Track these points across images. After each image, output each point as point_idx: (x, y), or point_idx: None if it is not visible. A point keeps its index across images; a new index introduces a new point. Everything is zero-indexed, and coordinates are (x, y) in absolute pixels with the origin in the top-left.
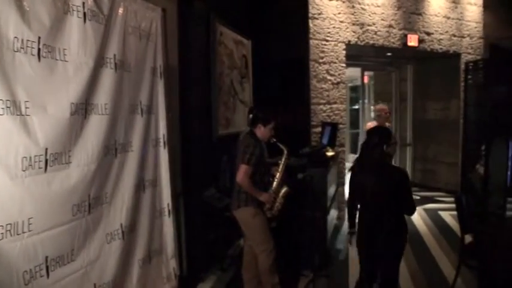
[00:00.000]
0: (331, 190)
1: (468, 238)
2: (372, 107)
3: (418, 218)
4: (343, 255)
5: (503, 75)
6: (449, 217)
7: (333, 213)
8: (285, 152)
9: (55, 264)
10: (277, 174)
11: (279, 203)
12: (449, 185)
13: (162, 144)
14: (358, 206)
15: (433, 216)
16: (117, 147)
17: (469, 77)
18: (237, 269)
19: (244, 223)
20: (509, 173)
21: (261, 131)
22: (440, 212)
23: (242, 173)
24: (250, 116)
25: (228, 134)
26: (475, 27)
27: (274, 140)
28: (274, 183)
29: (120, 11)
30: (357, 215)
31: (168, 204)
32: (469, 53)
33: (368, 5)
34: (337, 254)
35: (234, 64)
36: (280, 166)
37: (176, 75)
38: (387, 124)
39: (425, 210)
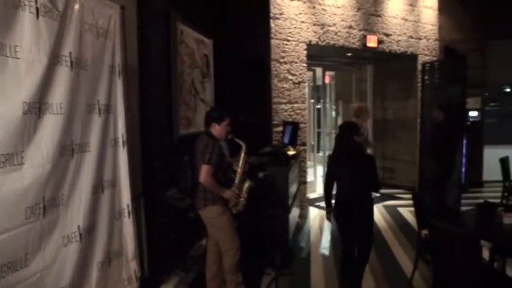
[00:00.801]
0: (293, 189)
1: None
2: (334, 107)
3: (378, 214)
4: (305, 252)
5: (456, 76)
6: (407, 213)
7: (295, 212)
8: (244, 147)
9: (7, 270)
10: (238, 170)
11: (244, 199)
12: (407, 182)
13: (121, 144)
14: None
15: (392, 213)
16: (73, 147)
17: (426, 77)
18: (200, 269)
19: (211, 222)
20: (463, 169)
21: (217, 130)
22: (399, 209)
23: (204, 173)
24: None
25: (189, 134)
26: (431, 30)
27: (232, 136)
28: (236, 179)
29: (76, 7)
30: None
31: (127, 205)
32: (426, 55)
33: (329, 6)
34: (300, 251)
35: (195, 63)
36: (240, 161)
37: (136, 74)
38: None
39: (385, 207)
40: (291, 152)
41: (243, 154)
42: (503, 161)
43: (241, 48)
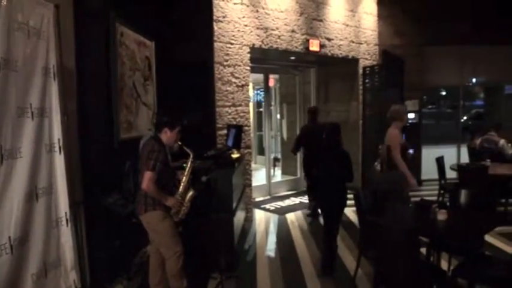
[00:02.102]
0: (238, 192)
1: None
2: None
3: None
4: (251, 255)
5: (394, 79)
6: (351, 213)
7: (240, 215)
8: (191, 155)
9: None
10: (183, 178)
11: (186, 207)
12: (350, 183)
13: (57, 149)
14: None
15: None
16: (3, 153)
17: (367, 80)
18: (144, 276)
19: (152, 227)
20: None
21: (168, 136)
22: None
23: (147, 180)
24: (154, 121)
25: (131, 138)
26: (371, 35)
27: (180, 143)
28: (181, 188)
29: (4, 2)
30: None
31: (65, 213)
32: (366, 59)
33: (272, 9)
34: (246, 254)
35: (136, 66)
36: (186, 170)
37: (73, 76)
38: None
39: None
40: (235, 155)
41: (189, 163)
42: (439, 161)
43: (184, 51)
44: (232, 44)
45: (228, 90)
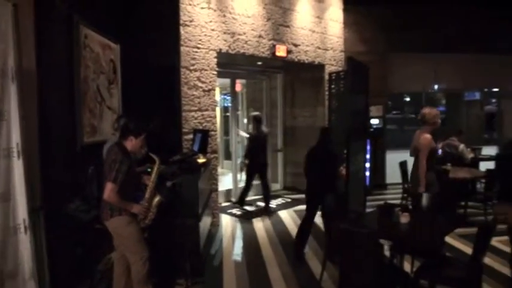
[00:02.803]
0: (204, 196)
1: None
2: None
3: (289, 219)
4: (217, 260)
5: (359, 85)
6: (318, 217)
7: (206, 220)
8: (157, 161)
9: None
10: (150, 184)
11: (152, 213)
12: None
13: (15, 154)
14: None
15: (302, 217)
16: None
17: (332, 86)
18: (108, 283)
19: (118, 233)
20: (367, 174)
21: (133, 143)
22: None
23: (108, 191)
24: (116, 124)
25: (95, 142)
26: (337, 41)
27: (146, 149)
28: (147, 194)
29: None
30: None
31: (24, 220)
32: (332, 65)
33: (239, 14)
34: (212, 259)
35: (100, 69)
36: (152, 176)
37: (34, 79)
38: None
39: (296, 211)
40: (201, 160)
41: (155, 169)
42: (402, 165)
43: (150, 55)
44: (199, 48)
45: (195, 95)
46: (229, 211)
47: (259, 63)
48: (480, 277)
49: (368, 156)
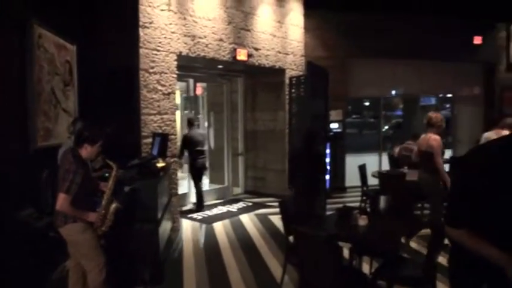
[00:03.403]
0: (163, 201)
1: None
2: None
3: (249, 223)
4: (177, 266)
5: (319, 90)
6: (278, 221)
7: (166, 225)
8: (114, 168)
9: None
10: (106, 192)
11: (109, 220)
12: (278, 191)
13: None
14: None
15: (264, 221)
16: None
17: (293, 90)
18: None
19: (73, 240)
20: (328, 177)
21: (88, 151)
22: (270, 217)
23: (61, 201)
24: (72, 128)
25: (49, 146)
26: (297, 46)
27: (103, 156)
28: (103, 201)
29: None
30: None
31: None
32: (293, 69)
33: (200, 17)
34: (172, 265)
35: (55, 70)
36: (109, 183)
37: None
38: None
39: (256, 215)
40: (161, 164)
41: (113, 175)
42: (361, 168)
43: (108, 56)
44: (158, 50)
45: (154, 98)
46: (190, 215)
47: (220, 66)
48: (435, 276)
49: (328, 159)
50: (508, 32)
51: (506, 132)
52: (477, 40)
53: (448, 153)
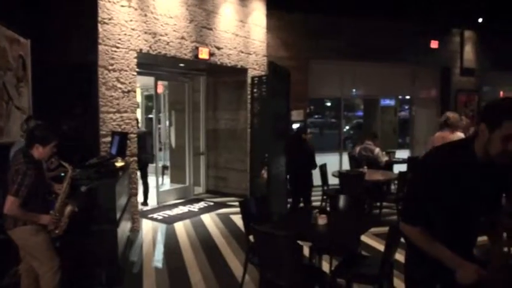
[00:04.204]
0: (122, 201)
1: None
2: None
3: (211, 223)
4: (137, 267)
5: (281, 90)
6: (239, 220)
7: (125, 225)
8: (69, 170)
9: None
10: (61, 195)
11: (64, 223)
12: (239, 190)
13: None
14: None
15: (225, 220)
16: None
17: (255, 90)
18: None
19: (24, 243)
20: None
21: (39, 152)
22: (232, 216)
23: (9, 205)
24: (25, 126)
25: (1, 144)
26: (260, 46)
27: (57, 157)
28: (57, 203)
29: None
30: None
31: None
32: (255, 69)
33: (161, 15)
34: (131, 267)
35: (7, 65)
36: (64, 185)
37: None
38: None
39: (218, 215)
40: (120, 164)
41: (67, 178)
42: (322, 168)
43: (65, 52)
44: (118, 47)
45: (113, 96)
46: (150, 215)
47: (182, 65)
48: (392, 273)
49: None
50: (461, 38)
51: (458, 133)
52: (434, 44)
53: (406, 154)
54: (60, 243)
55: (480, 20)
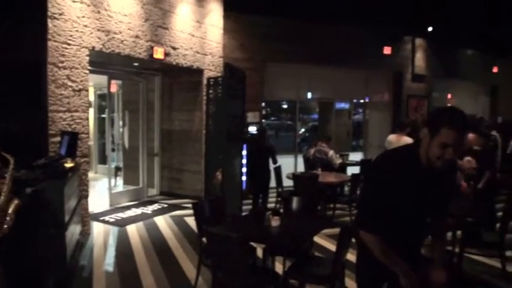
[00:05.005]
0: (71, 204)
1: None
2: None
3: (164, 225)
4: (87, 271)
5: (237, 91)
6: (193, 222)
7: (75, 229)
8: (11, 162)
9: None
10: (4, 188)
11: (10, 219)
12: (194, 192)
13: None
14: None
15: (179, 223)
16: None
17: (210, 91)
18: None
19: None
20: (243, 178)
21: None
22: (186, 218)
23: None
24: None
25: None
26: (216, 47)
27: None
28: (1, 198)
29: None
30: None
31: None
32: (211, 70)
33: (115, 12)
34: (81, 271)
35: None
36: (7, 178)
37: None
38: None
39: (172, 217)
40: (69, 165)
41: (10, 169)
42: (277, 170)
43: (11, 48)
44: (69, 44)
45: (63, 94)
46: (102, 218)
47: (136, 64)
48: (343, 273)
49: (244, 161)
50: (413, 45)
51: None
52: (387, 50)
53: (359, 156)
54: (4, 247)
55: (430, 29)
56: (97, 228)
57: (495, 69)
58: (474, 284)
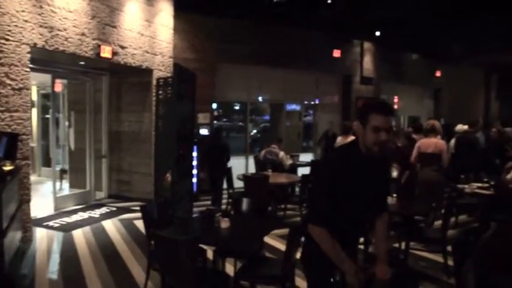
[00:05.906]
0: (10, 209)
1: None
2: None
3: (113, 228)
4: (28, 280)
5: (187, 92)
6: (143, 225)
7: (14, 235)
8: None
9: None
10: None
11: None
12: (144, 194)
13: None
14: None
15: (128, 226)
16: None
17: (160, 92)
18: None
19: None
20: (194, 180)
21: None
22: (135, 221)
23: None
24: None
25: None
26: (166, 47)
27: None
28: None
29: None
30: None
31: None
32: (161, 70)
33: (59, 8)
34: (22, 280)
35: None
36: None
37: None
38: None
39: (120, 220)
40: (8, 168)
41: None
42: (228, 171)
43: None
44: (7, 40)
45: (2, 93)
46: (45, 223)
47: (82, 63)
48: (293, 272)
49: (195, 162)
50: (361, 49)
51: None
52: (336, 53)
53: (309, 157)
54: None
55: (377, 33)
56: (40, 234)
57: (438, 74)
58: (419, 279)
